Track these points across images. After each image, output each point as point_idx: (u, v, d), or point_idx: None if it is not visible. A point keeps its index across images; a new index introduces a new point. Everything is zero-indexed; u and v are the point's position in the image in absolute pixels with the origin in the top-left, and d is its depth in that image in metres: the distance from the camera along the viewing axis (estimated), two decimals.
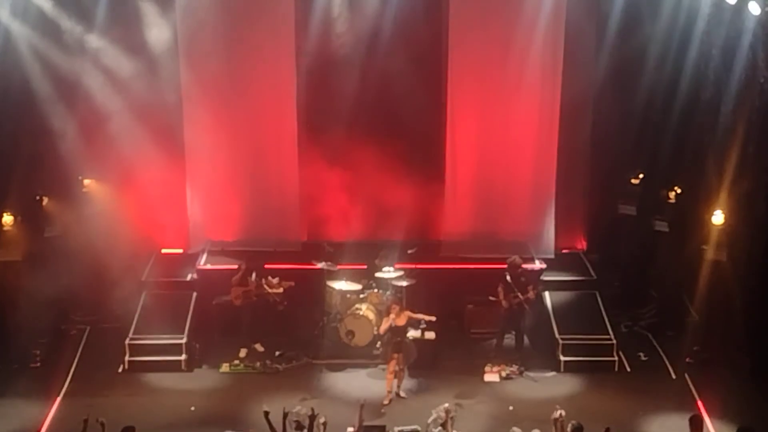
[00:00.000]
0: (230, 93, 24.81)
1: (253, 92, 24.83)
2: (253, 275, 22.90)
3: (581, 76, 24.53)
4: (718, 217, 22.26)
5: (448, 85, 24.92)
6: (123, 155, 24.11)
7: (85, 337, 23.19)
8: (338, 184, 25.52)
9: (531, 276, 23.06)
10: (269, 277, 23.42)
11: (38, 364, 21.79)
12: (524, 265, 22.96)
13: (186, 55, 24.45)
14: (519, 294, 22.00)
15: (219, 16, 24.21)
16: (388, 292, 23.10)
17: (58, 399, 20.56)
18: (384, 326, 20.88)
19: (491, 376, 21.79)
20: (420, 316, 21.61)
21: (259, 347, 22.62)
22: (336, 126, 25.13)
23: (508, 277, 22.15)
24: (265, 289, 22.99)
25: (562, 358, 22.23)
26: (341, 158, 25.27)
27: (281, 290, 23.44)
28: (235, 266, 23.24)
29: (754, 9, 19.37)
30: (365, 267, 23.92)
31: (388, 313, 20.90)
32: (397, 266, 23.68)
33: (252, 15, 24.42)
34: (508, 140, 25.23)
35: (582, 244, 26.30)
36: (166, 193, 25.24)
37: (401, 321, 20.84)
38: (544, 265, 24.55)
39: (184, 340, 22.24)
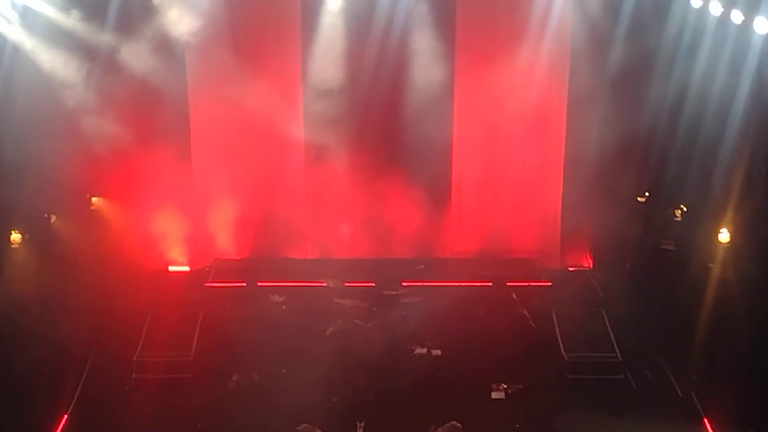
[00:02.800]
0: (238, 114, 24.96)
1: (260, 113, 24.96)
2: None
3: (587, 96, 24.61)
4: (724, 235, 22.29)
5: (455, 102, 25.07)
6: (131, 174, 24.21)
7: (92, 354, 23.17)
8: (345, 202, 25.60)
9: (526, 295, 23.06)
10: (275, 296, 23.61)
11: (46, 382, 21.79)
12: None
13: (193, 72, 24.64)
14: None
15: (226, 40, 24.44)
16: None
17: (66, 416, 20.61)
18: None
19: (498, 393, 21.78)
20: None
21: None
22: (343, 144, 25.22)
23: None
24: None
25: (569, 375, 22.23)
26: (348, 176, 25.37)
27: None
28: (241, 284, 23.35)
29: (761, 28, 19.33)
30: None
31: None
32: (405, 284, 23.76)
33: (259, 35, 24.64)
34: (514, 158, 25.37)
35: (588, 262, 26.31)
36: (173, 212, 25.35)
37: None
38: (548, 283, 24.62)
39: (190, 358, 22.27)
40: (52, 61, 22.65)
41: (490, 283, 24.05)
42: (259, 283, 24.59)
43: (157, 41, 23.75)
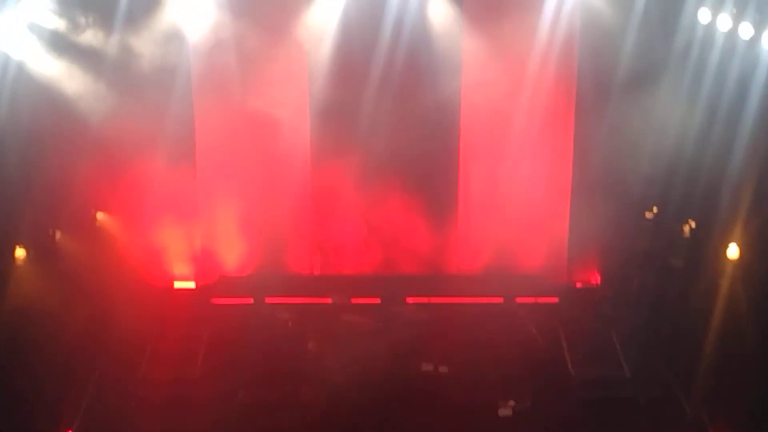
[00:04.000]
0: (244, 128, 24.93)
1: (266, 128, 24.94)
2: None
3: (594, 112, 24.54)
4: (732, 251, 22.17)
5: (461, 117, 25.02)
6: (135, 187, 24.20)
7: (97, 371, 23.06)
8: (350, 218, 25.55)
9: (533, 311, 23.00)
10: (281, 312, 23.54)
11: (50, 398, 21.67)
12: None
13: (199, 90, 24.61)
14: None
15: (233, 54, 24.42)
16: None
17: None
18: None
19: (505, 411, 21.66)
20: None
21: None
22: (349, 161, 25.16)
23: None
24: None
25: (577, 392, 22.09)
26: (354, 193, 25.33)
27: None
28: (248, 301, 23.30)
29: None
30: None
31: None
32: (411, 300, 23.72)
33: (266, 55, 24.61)
34: (521, 174, 25.29)
35: (596, 279, 26.20)
36: (178, 228, 25.30)
37: None
38: (555, 299, 24.55)
39: (196, 375, 22.16)
40: (55, 72, 22.61)
41: (500, 300, 23.98)
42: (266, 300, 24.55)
43: (162, 43, 23.77)
